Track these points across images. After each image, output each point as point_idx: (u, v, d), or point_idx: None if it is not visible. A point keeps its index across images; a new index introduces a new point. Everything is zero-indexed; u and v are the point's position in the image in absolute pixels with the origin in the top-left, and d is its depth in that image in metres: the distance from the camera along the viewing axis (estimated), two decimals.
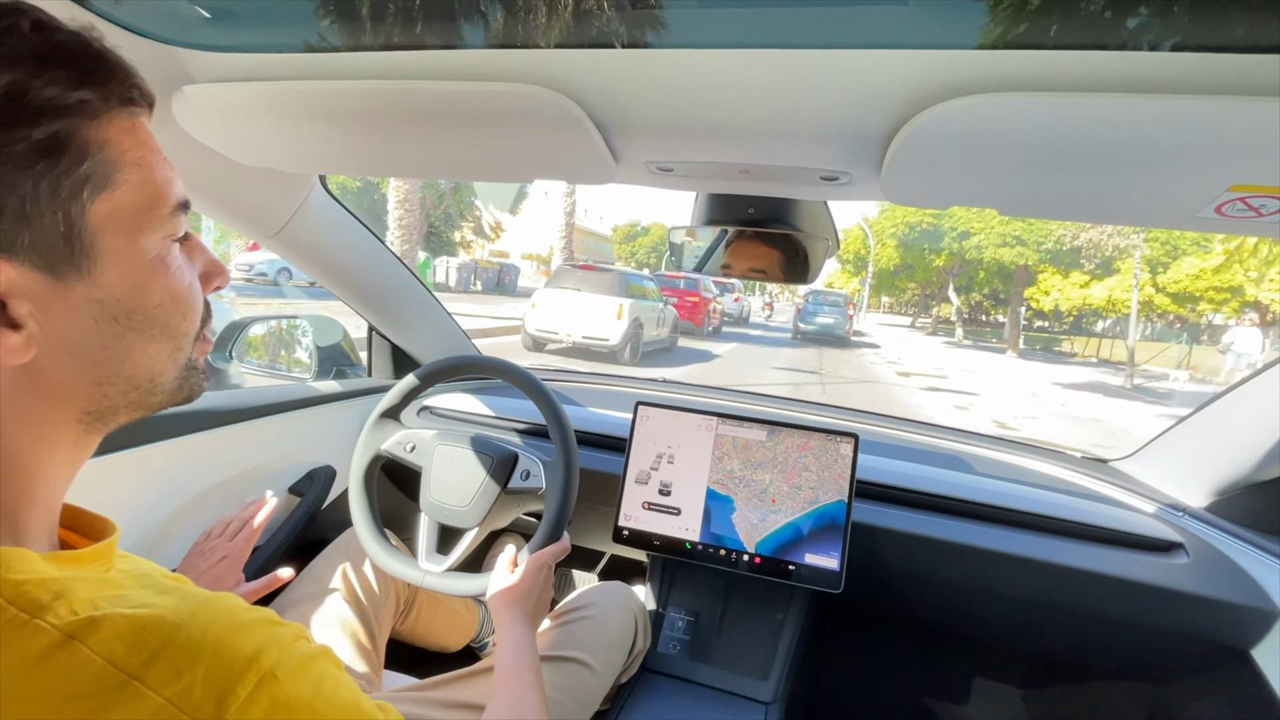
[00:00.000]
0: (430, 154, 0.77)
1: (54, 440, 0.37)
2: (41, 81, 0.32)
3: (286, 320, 1.58)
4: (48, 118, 0.32)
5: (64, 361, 0.35)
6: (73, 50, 0.34)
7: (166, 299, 0.38)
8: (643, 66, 0.57)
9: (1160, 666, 1.12)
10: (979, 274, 22.51)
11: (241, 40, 0.66)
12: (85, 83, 0.33)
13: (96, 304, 0.35)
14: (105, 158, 0.35)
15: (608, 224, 53.01)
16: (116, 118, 0.35)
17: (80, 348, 0.35)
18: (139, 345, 0.37)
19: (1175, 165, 0.51)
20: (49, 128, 0.32)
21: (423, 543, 1.01)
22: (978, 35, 0.49)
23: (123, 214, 0.36)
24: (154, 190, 0.37)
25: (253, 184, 0.95)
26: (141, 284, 0.37)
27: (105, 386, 0.37)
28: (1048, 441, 1.44)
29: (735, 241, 0.90)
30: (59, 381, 0.35)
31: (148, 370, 0.39)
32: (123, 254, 0.36)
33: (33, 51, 0.32)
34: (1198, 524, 1.07)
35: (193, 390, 0.42)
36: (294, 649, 0.34)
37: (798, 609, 1.12)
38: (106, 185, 0.35)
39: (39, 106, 0.32)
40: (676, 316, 10.70)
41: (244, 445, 1.11)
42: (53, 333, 0.34)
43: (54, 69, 0.32)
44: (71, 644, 0.29)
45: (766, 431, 1.10)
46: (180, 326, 0.40)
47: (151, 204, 0.37)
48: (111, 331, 0.36)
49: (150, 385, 0.39)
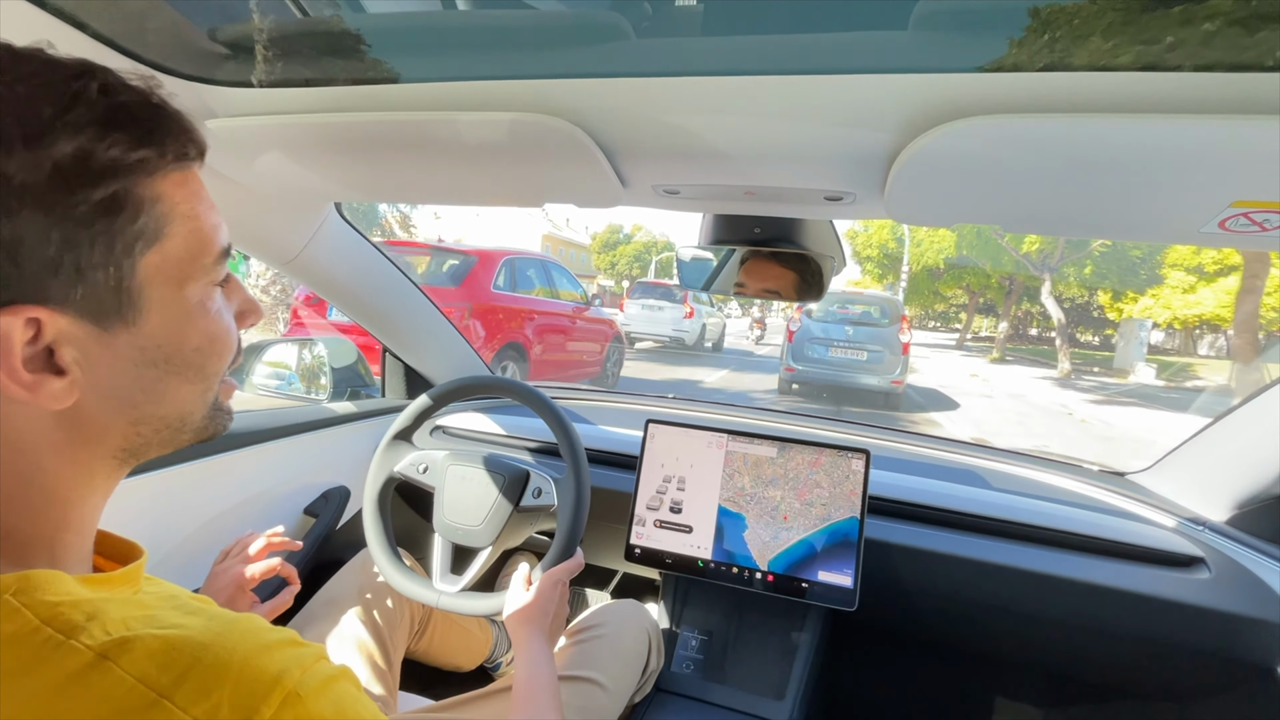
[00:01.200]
0: (442, 181, 0.79)
1: (90, 474, 0.38)
2: (106, 145, 0.33)
3: (302, 342, 1.60)
4: (109, 179, 0.33)
5: (104, 404, 0.36)
6: (136, 111, 0.35)
7: (205, 342, 0.39)
8: (648, 94, 0.58)
9: (1184, 685, 1.10)
10: (1085, 268, 14.77)
11: (261, 75, 0.68)
12: (145, 142, 0.35)
13: (139, 350, 0.36)
14: (159, 212, 0.36)
15: (585, 231, 47.20)
16: (171, 172, 0.37)
17: (120, 391, 0.37)
18: (174, 387, 0.39)
19: (1177, 182, 0.51)
20: (109, 188, 0.33)
21: (437, 563, 1.01)
22: (977, 58, 0.49)
23: (170, 264, 0.37)
24: (201, 240, 0.38)
25: (270, 212, 0.97)
26: (183, 329, 0.38)
27: (140, 426, 0.38)
28: (1063, 455, 1.43)
29: (742, 260, 0.91)
30: (98, 422, 0.37)
31: (179, 410, 0.40)
32: (167, 302, 0.37)
33: (100, 116, 0.33)
34: (1219, 538, 1.05)
35: (217, 429, 0.44)
36: (316, 669, 0.35)
37: (812, 627, 1.11)
38: (158, 239, 0.36)
39: (101, 169, 0.33)
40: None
41: (260, 466, 1.12)
42: (95, 378, 0.35)
43: (117, 131, 0.33)
44: (104, 664, 0.30)
45: (777, 448, 1.10)
46: (213, 367, 0.41)
47: (198, 254, 0.38)
48: (151, 375, 0.37)
49: (180, 424, 0.41)
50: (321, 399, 1.46)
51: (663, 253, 40.76)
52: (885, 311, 8.14)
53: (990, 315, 26.84)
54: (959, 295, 22.16)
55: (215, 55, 0.66)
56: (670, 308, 11.30)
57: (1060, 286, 14.84)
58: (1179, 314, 12.39)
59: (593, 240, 46.09)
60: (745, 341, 16.16)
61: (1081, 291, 15.76)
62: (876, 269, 20.85)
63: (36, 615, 0.31)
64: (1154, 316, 13.27)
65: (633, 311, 11.44)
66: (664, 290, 11.64)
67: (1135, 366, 13.98)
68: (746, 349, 14.61)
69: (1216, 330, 17.97)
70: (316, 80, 0.65)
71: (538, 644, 0.77)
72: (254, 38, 0.64)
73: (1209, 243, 0.57)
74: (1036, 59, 0.48)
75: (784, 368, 8.17)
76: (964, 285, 19.80)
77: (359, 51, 0.63)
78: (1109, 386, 12.82)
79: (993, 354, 17.28)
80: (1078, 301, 15.01)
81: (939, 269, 18.38)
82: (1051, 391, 11.32)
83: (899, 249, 18.31)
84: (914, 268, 18.07)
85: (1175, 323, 13.50)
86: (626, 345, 6.70)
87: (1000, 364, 15.92)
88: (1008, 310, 18.91)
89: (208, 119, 0.72)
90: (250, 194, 0.88)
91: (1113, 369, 15.13)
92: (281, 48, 0.65)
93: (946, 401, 9.11)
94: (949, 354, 17.99)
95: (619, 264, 43.09)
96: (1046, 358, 17.41)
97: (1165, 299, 12.56)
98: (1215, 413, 1.04)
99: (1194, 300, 11.94)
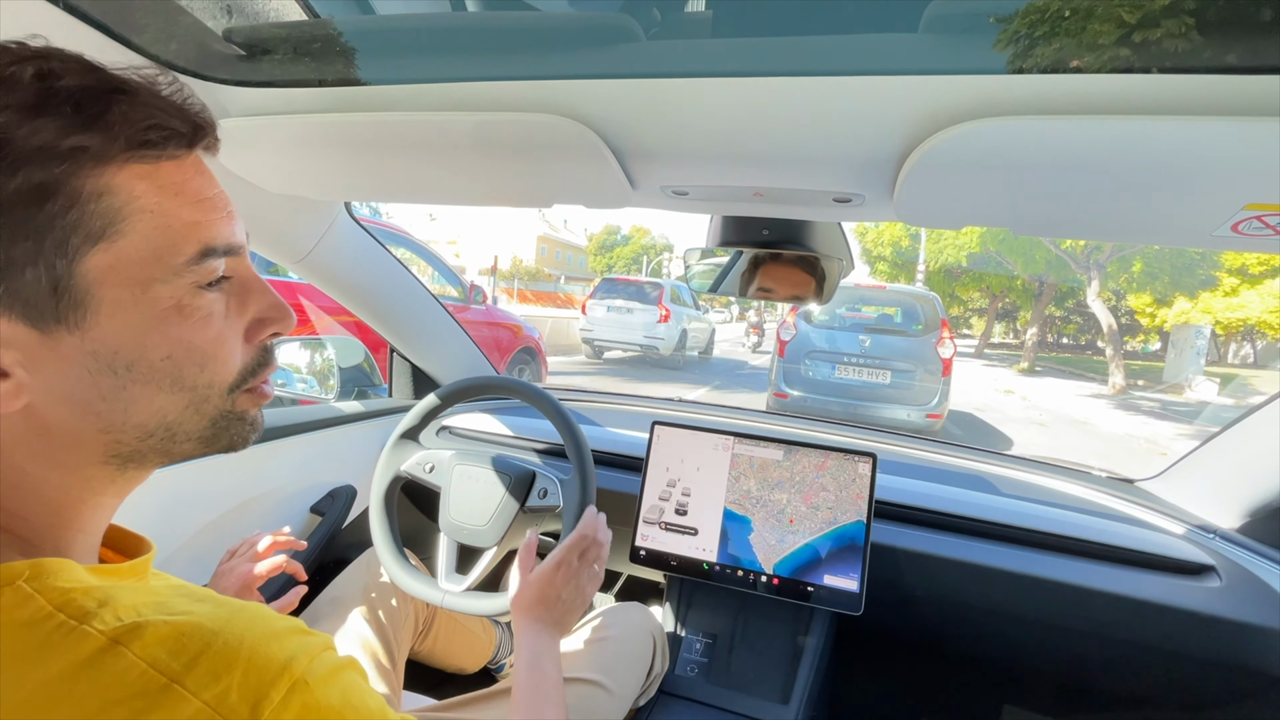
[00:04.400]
0: (452, 182, 0.80)
1: (86, 477, 0.37)
2: (26, 131, 0.31)
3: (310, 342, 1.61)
4: (30, 166, 0.31)
5: (62, 409, 0.34)
6: (78, 97, 0.32)
7: (178, 350, 0.36)
8: (659, 95, 0.58)
9: (1194, 695, 1.09)
10: (1134, 265, 12.45)
11: (274, 74, 0.69)
12: (85, 129, 0.32)
13: (90, 355, 0.34)
14: (104, 207, 0.33)
15: (582, 233, 45.62)
16: (130, 164, 0.34)
17: (75, 397, 0.34)
18: (144, 396, 0.36)
19: (1190, 185, 0.51)
20: (30, 177, 0.31)
21: (442, 562, 1.01)
22: (988, 60, 0.49)
23: (129, 265, 0.34)
24: (169, 238, 0.35)
25: (281, 211, 0.98)
26: (145, 335, 0.35)
27: (114, 434, 0.36)
28: (1072, 461, 1.42)
29: (750, 262, 0.91)
30: (65, 428, 0.35)
31: (159, 420, 0.37)
32: (125, 305, 0.34)
33: (27, 100, 0.31)
34: (1229, 546, 1.04)
35: (234, 440, 0.41)
36: (324, 658, 0.35)
37: (818, 631, 1.11)
38: (105, 236, 0.33)
39: (20, 155, 0.31)
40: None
41: (268, 465, 1.13)
42: (45, 382, 0.34)
43: (44, 116, 0.31)
44: (116, 649, 0.31)
45: (783, 451, 1.10)
46: (196, 379, 0.37)
47: (164, 253, 0.35)
48: (109, 383, 0.35)
49: (168, 434, 0.38)
50: (329, 398, 1.47)
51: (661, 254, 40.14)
52: (916, 314, 5.79)
53: (1006, 320, 24.75)
54: (977, 298, 19.36)
55: (228, 55, 0.66)
56: (641, 310, 9.27)
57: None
58: (1221, 318, 10.71)
59: (589, 242, 44.68)
60: (741, 350, 14.55)
61: (1106, 295, 13.32)
62: (889, 269, 18.20)
63: (49, 601, 0.31)
64: (1193, 321, 11.59)
65: (597, 314, 9.49)
66: (634, 289, 9.68)
67: (1192, 381, 12.19)
68: (740, 359, 12.92)
69: (1250, 338, 16.21)
70: (328, 80, 0.66)
71: (534, 635, 0.72)
72: (267, 38, 0.65)
73: (1221, 246, 0.57)
74: (1048, 61, 0.48)
75: (772, 392, 5.82)
76: (983, 287, 17.33)
77: (370, 52, 0.64)
78: (1178, 408, 10.79)
79: (1021, 364, 15.53)
80: (1106, 305, 11.64)
81: (959, 269, 15.99)
82: (1115, 415, 9.56)
83: (914, 247, 16.02)
84: (930, 266, 15.64)
85: (1218, 329, 12.15)
86: (543, 362, 5.18)
87: (1031, 375, 14.23)
88: (1038, 315, 16.85)
89: (221, 118, 0.72)
90: (261, 193, 0.89)
91: (1164, 383, 13.27)
92: (294, 48, 0.66)
93: (991, 434, 6.92)
94: (969, 363, 15.74)
95: (616, 266, 41.80)
96: (1080, 368, 16.05)
97: (1205, 303, 10.93)
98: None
99: (1238, 304, 10.41)
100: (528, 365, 5.15)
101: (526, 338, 5.09)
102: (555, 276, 37.21)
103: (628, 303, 9.40)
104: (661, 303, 9.26)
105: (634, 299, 9.42)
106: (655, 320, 9.23)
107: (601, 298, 9.58)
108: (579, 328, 9.94)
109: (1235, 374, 15.21)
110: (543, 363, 5.30)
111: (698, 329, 10.76)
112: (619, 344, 9.72)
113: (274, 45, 0.66)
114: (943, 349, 5.43)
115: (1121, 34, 0.45)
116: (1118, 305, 16.36)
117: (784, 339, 5.91)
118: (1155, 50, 0.45)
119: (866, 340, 5.63)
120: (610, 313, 9.43)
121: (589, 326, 9.60)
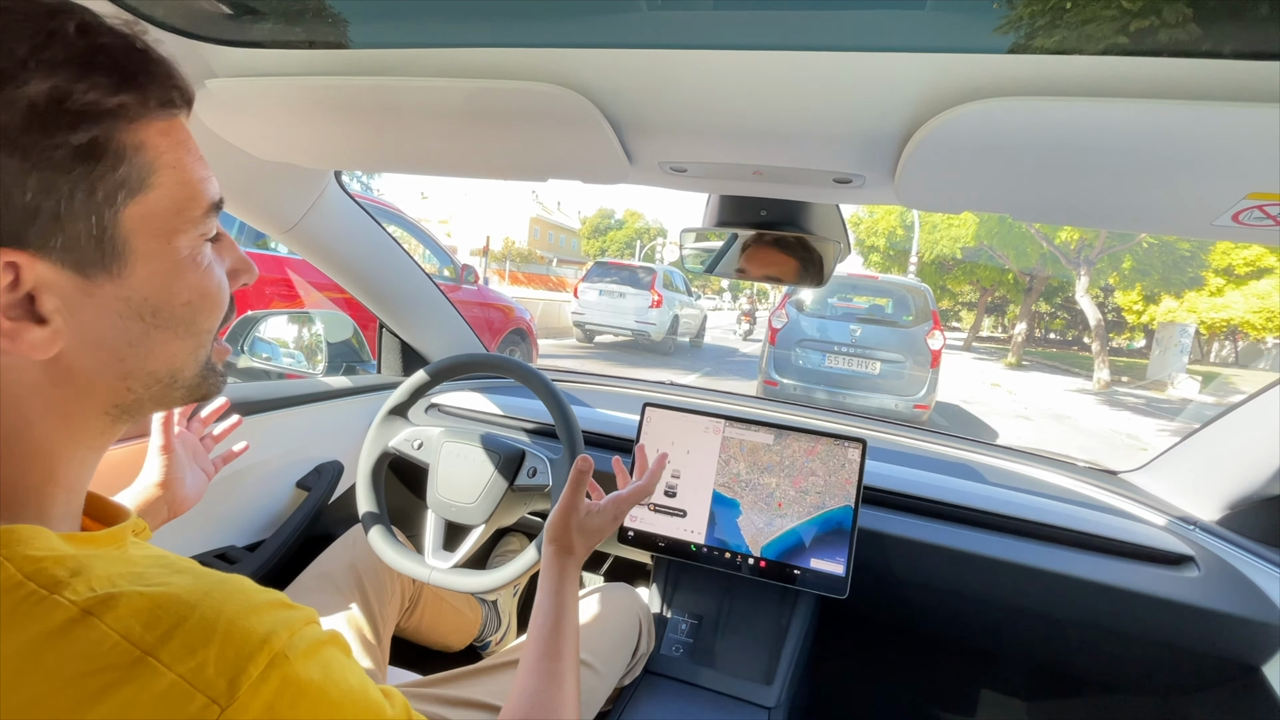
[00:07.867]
0: (445, 151, 0.78)
1: (81, 430, 0.38)
2: (84, 86, 0.32)
3: (298, 315, 1.59)
4: (88, 123, 0.32)
5: (90, 357, 0.36)
6: (116, 54, 0.34)
7: (195, 296, 0.39)
8: (659, 66, 0.57)
9: (1169, 681, 1.11)
10: (1124, 262, 12.69)
11: (263, 35, 0.67)
12: (126, 87, 0.33)
13: (123, 302, 0.36)
14: (141, 161, 0.35)
15: (576, 216, 44.75)
16: (155, 120, 0.35)
17: (105, 343, 0.36)
18: (162, 341, 0.38)
19: (1193, 172, 0.51)
20: (88, 133, 0.32)
21: (429, 539, 1.01)
22: (995, 39, 0.48)
23: (157, 216, 0.36)
24: (189, 191, 0.37)
25: (269, 179, 0.96)
26: (170, 283, 0.37)
27: (130, 381, 0.38)
28: (1057, 452, 1.43)
29: (746, 243, 0.91)
30: (85, 375, 0.36)
31: (170, 365, 0.39)
32: (154, 254, 0.36)
33: (77, 56, 0.32)
34: (1209, 537, 1.06)
35: (210, 390, 0.43)
36: (305, 633, 0.34)
37: (803, 614, 1.12)
38: (141, 188, 0.35)
39: (79, 111, 0.32)
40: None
41: (253, 438, 1.11)
42: (79, 329, 0.34)
43: (96, 73, 0.32)
44: (88, 620, 0.30)
45: (774, 435, 1.10)
46: (204, 324, 0.40)
47: (185, 205, 0.37)
48: (137, 328, 0.37)
49: (171, 380, 0.40)
50: (316, 373, 1.45)
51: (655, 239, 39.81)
52: (908, 305, 5.86)
53: (995, 314, 25.01)
54: (968, 292, 19.59)
55: (215, 14, 0.64)
56: (634, 294, 9.28)
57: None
58: (1205, 317, 11.00)
59: (582, 225, 44.17)
60: (732, 337, 14.66)
61: (1095, 291, 13.44)
62: (882, 259, 18.26)
63: (20, 570, 0.31)
64: (1179, 320, 11.84)
65: (589, 298, 9.47)
66: (627, 273, 9.69)
67: (1175, 378, 12.41)
68: (732, 345, 13.00)
69: (1232, 338, 16.63)
70: (319, 42, 0.64)
71: (571, 576, 0.70)
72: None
73: (1221, 236, 0.57)
74: (1055, 41, 0.47)
75: (762, 380, 5.89)
76: (974, 281, 17.53)
77: (363, 13, 0.62)
78: (1161, 404, 11.00)
79: (1008, 358, 15.62)
80: (1094, 301, 12.69)
81: (951, 261, 16.17)
82: (1098, 410, 9.72)
83: (907, 237, 15.89)
84: (924, 258, 15.45)
85: (1202, 328, 12.24)
86: (533, 344, 5.20)
87: (1018, 370, 14.49)
88: (1027, 310, 17.00)
89: (207, 78, 0.70)
90: (248, 159, 0.86)
91: (1147, 380, 13.36)
92: (284, 7, 0.64)
93: (977, 426, 7.14)
94: (957, 356, 15.73)
95: (609, 249, 41.55)
96: (1066, 363, 16.20)
97: (1191, 302, 11.17)
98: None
99: (1222, 304, 10.65)
100: (518, 347, 5.13)
101: (518, 319, 5.08)
102: (548, 259, 37.00)
103: (620, 287, 9.39)
104: (654, 288, 9.28)
105: (626, 283, 9.42)
106: (647, 305, 9.24)
107: (594, 281, 9.58)
108: (570, 311, 9.86)
109: (1217, 373, 15.46)
110: (534, 345, 5.31)
111: (690, 315, 10.77)
112: (610, 328, 9.71)
113: (262, 4, 0.64)
114: (932, 341, 5.52)
115: (1131, 16, 0.45)
116: (1105, 302, 16.57)
117: (776, 326, 5.93)
118: (1165, 33, 0.45)
119: (857, 330, 5.72)
120: (602, 296, 9.41)
121: (581, 310, 9.59)
